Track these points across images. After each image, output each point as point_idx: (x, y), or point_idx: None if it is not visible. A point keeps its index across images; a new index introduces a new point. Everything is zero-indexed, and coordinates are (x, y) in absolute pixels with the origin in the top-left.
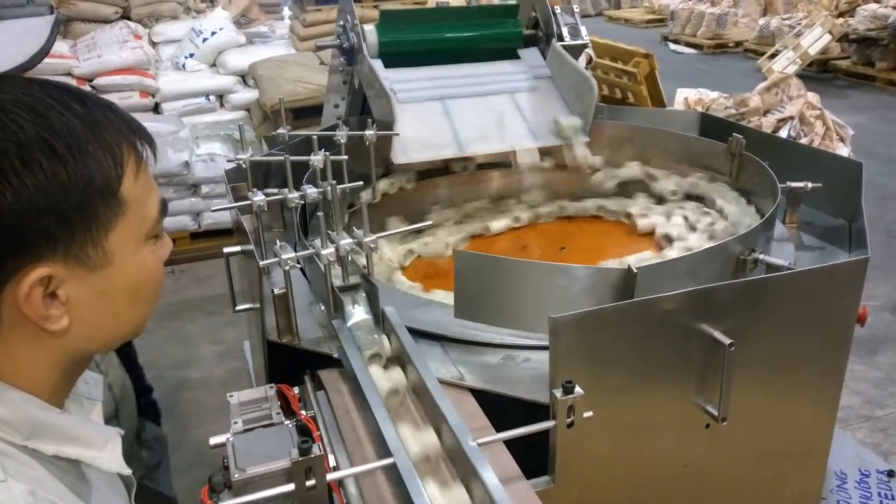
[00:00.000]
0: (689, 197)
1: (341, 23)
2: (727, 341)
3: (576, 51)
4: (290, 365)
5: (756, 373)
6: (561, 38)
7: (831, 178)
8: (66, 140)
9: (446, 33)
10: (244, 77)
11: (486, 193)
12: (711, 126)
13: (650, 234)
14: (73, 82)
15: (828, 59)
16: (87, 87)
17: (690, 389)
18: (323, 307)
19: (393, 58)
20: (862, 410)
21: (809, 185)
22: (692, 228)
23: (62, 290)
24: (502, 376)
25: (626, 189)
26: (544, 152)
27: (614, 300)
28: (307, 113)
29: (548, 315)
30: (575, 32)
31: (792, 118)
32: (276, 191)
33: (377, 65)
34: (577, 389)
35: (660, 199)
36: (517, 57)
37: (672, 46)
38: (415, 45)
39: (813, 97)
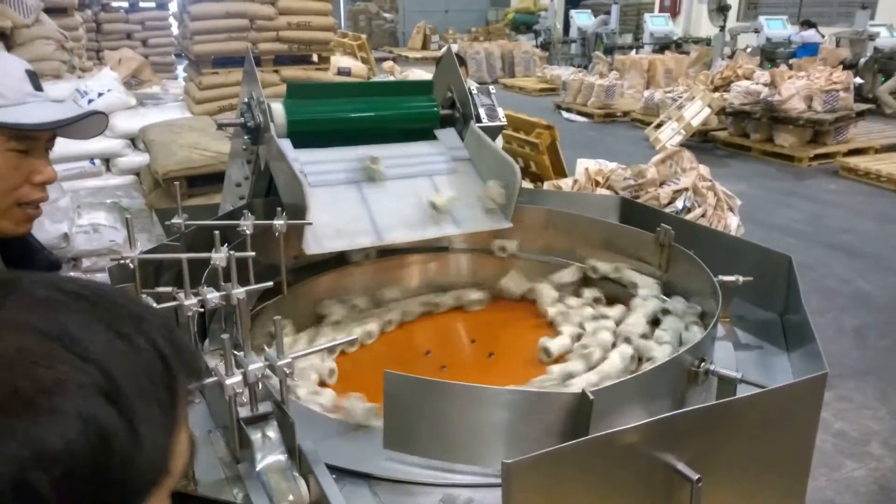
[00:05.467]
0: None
1: (245, 99)
2: (695, 477)
3: (493, 132)
4: None
5: (718, 498)
6: (479, 120)
7: (755, 268)
8: (129, 416)
9: (360, 112)
10: (133, 140)
11: (400, 281)
12: (632, 212)
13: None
14: None
15: (708, 130)
16: None
17: None
18: (225, 438)
19: (303, 137)
20: None
21: (741, 279)
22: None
23: None
24: None
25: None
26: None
27: (567, 426)
28: (203, 181)
29: (490, 446)
30: (492, 114)
31: (686, 189)
32: (169, 290)
33: (286, 145)
34: None
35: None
36: (434, 137)
37: (565, 115)
38: (326, 123)
39: (704, 169)
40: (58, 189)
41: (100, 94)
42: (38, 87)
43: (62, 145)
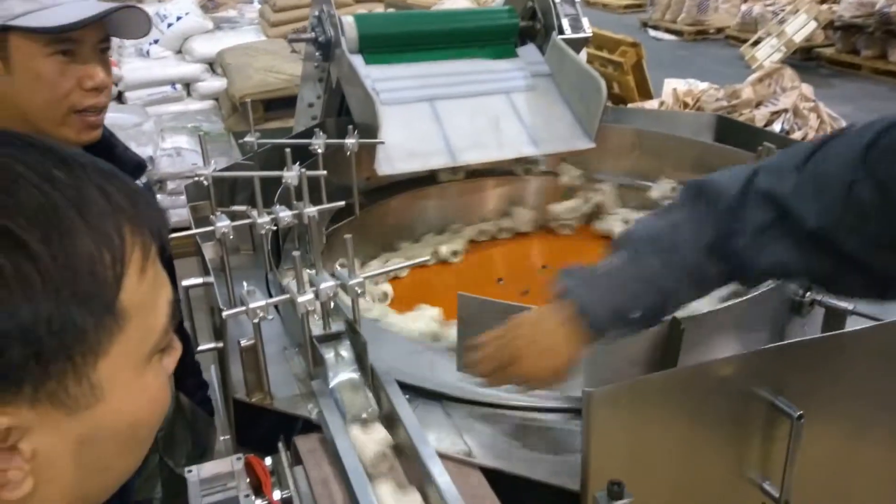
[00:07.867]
0: None
1: (316, 13)
2: (796, 413)
3: (577, 45)
4: (263, 421)
5: (821, 443)
6: (561, 31)
7: None
8: (42, 230)
9: (434, 25)
10: (212, 65)
11: (474, 206)
12: (729, 131)
13: None
14: None
15: (812, 47)
16: None
17: (748, 465)
18: (299, 355)
19: (375, 53)
20: None
21: None
22: None
23: (27, 441)
24: (519, 450)
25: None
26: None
27: (653, 355)
28: (279, 104)
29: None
30: (576, 25)
31: (786, 111)
32: (244, 209)
33: (357, 61)
34: (627, 495)
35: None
36: (513, 53)
37: (652, 33)
38: (399, 38)
39: (807, 89)
40: (142, 113)
41: (178, 18)
42: None
43: (144, 71)
